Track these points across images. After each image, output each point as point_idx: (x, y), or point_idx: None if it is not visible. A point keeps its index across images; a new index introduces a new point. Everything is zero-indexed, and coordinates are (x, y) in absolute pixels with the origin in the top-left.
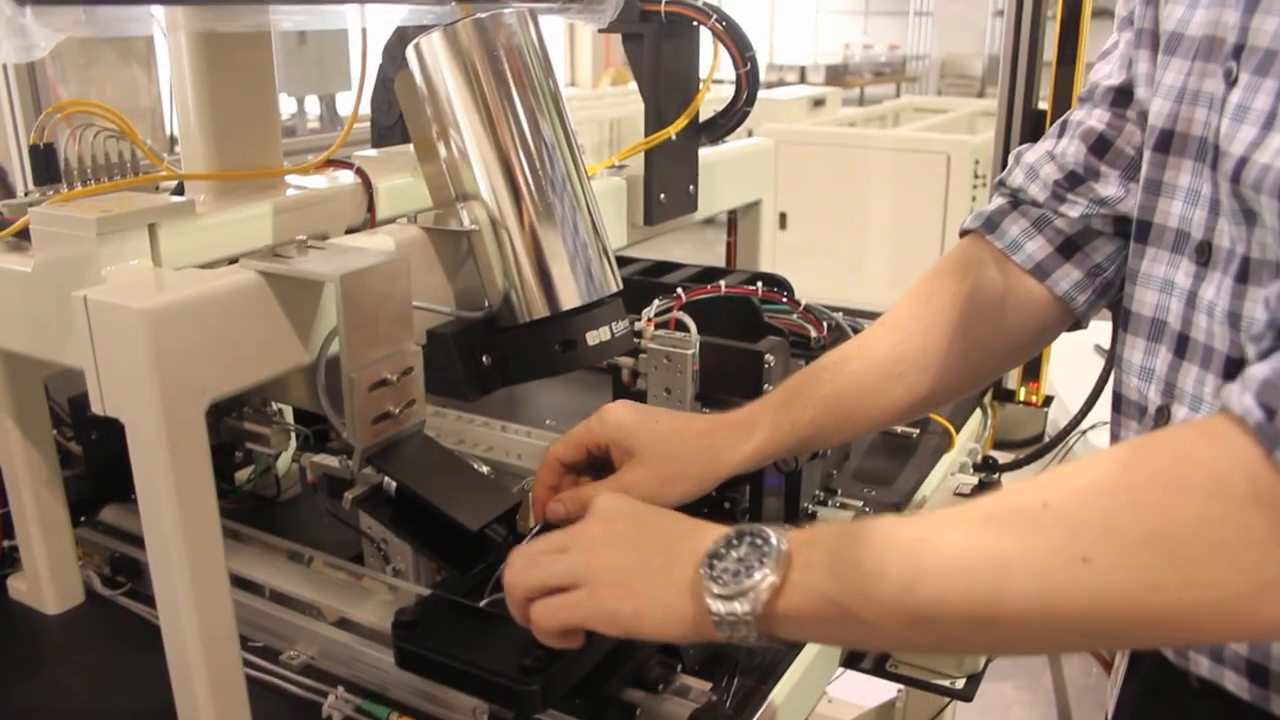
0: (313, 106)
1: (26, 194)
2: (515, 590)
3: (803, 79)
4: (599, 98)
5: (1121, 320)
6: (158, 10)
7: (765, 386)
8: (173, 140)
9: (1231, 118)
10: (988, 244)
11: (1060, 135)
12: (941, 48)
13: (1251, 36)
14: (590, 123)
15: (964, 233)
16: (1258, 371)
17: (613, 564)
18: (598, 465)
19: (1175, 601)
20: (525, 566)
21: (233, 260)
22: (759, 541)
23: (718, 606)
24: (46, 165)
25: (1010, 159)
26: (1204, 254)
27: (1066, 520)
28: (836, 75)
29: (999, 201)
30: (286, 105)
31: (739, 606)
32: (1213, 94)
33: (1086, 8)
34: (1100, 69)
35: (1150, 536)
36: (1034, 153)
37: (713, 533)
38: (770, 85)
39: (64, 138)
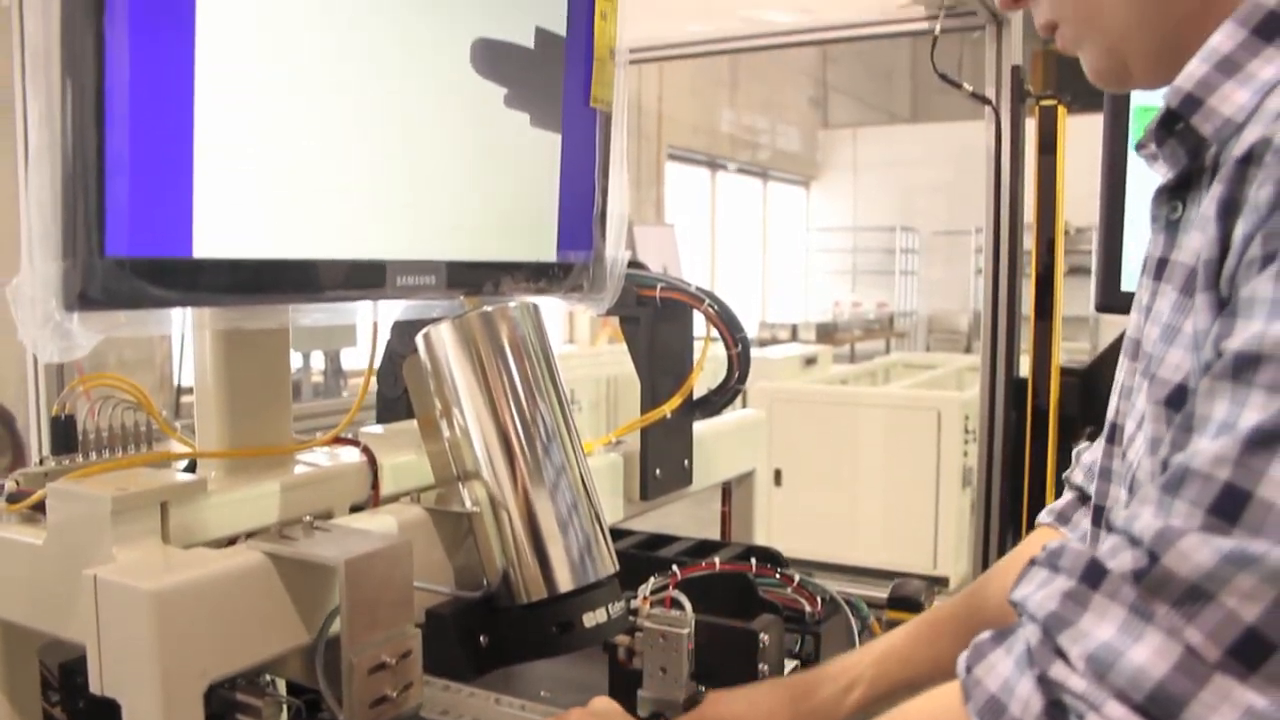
0: (317, 360)
1: (41, 461)
2: None
3: (794, 336)
4: (596, 355)
5: None
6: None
7: (760, 666)
8: (179, 391)
9: (1128, 415)
10: (1063, 535)
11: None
12: (927, 304)
13: (1144, 340)
14: (587, 380)
15: (1038, 524)
16: (978, 638)
17: None
18: None
19: None
20: None
21: (232, 541)
22: None
23: None
24: (65, 436)
25: (1073, 456)
26: None
27: None
28: (827, 332)
29: (1068, 496)
30: (292, 360)
31: None
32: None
33: (1059, 266)
34: None
35: None
36: (1090, 453)
37: None
38: (763, 343)
39: (83, 410)
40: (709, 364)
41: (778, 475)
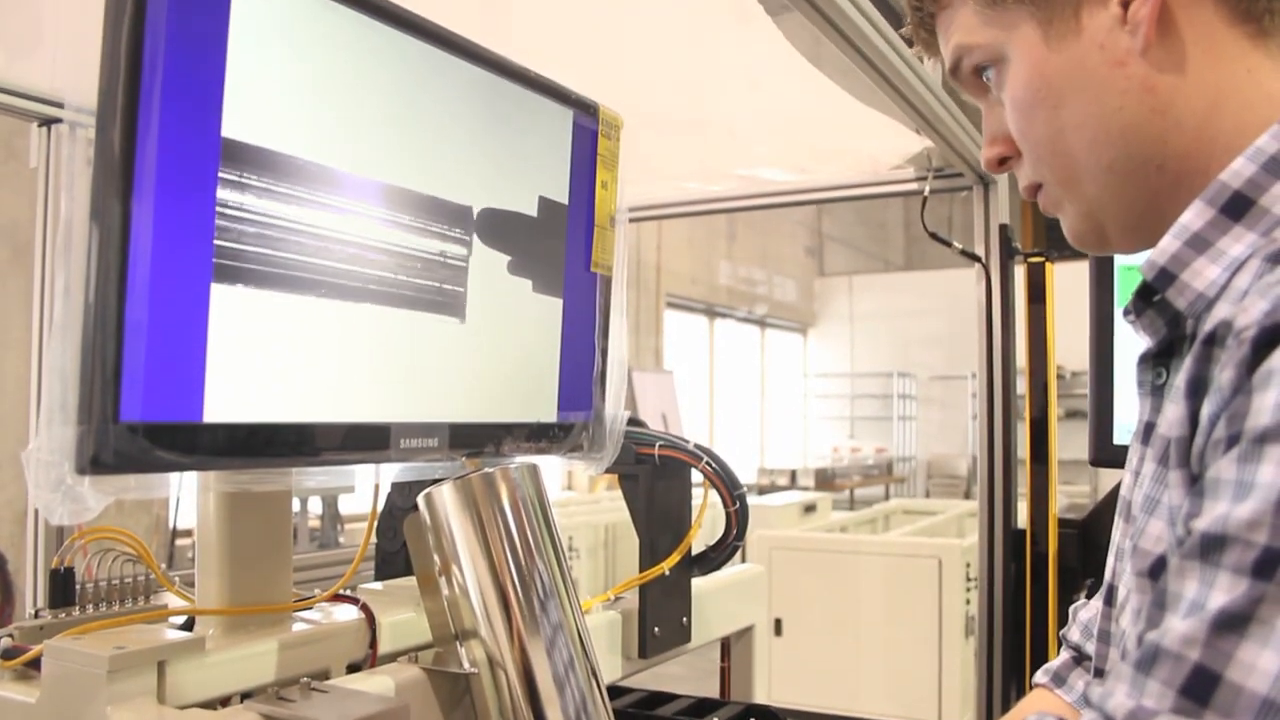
0: (315, 505)
1: (36, 613)
2: None
3: (793, 482)
4: (595, 502)
5: None
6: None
7: None
8: (174, 535)
9: (1121, 577)
10: (1058, 696)
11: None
12: (926, 449)
13: (1133, 504)
14: (585, 527)
15: (1035, 685)
16: None
17: None
18: None
19: None
20: None
21: (227, 700)
22: None
23: None
24: (64, 589)
25: (1070, 614)
26: None
27: None
28: (826, 478)
29: (1065, 656)
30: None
31: None
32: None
33: (1053, 410)
34: None
35: None
36: (1087, 611)
37: None
38: (762, 489)
39: (82, 565)
40: (707, 512)
41: (778, 624)
